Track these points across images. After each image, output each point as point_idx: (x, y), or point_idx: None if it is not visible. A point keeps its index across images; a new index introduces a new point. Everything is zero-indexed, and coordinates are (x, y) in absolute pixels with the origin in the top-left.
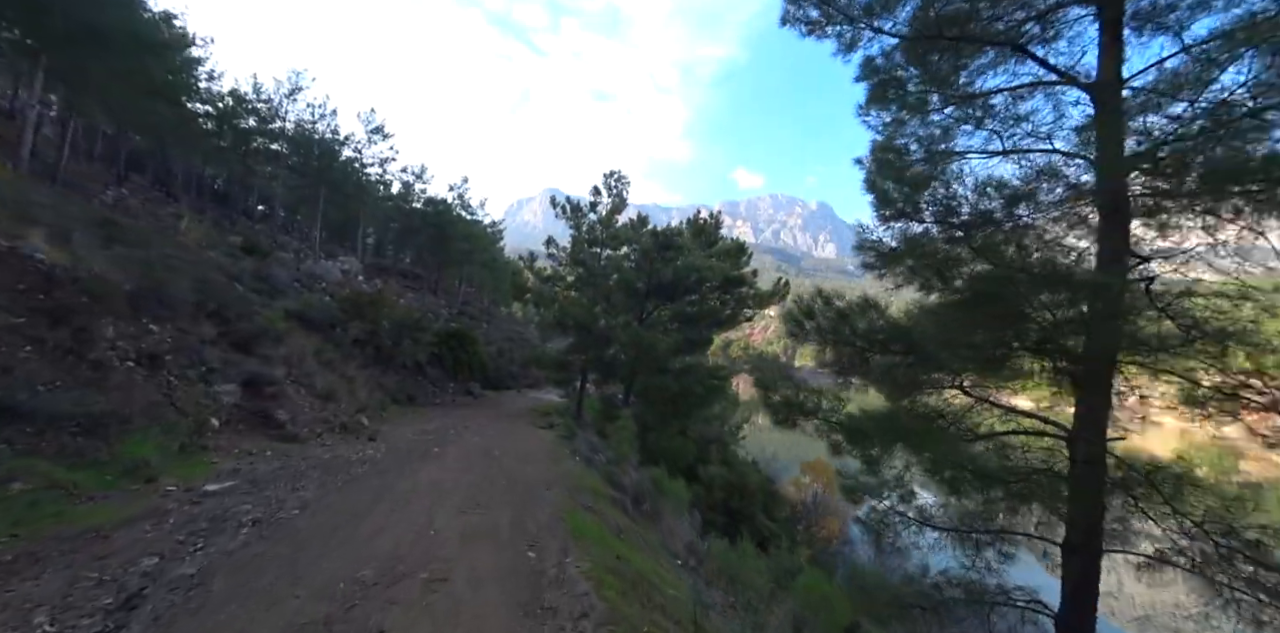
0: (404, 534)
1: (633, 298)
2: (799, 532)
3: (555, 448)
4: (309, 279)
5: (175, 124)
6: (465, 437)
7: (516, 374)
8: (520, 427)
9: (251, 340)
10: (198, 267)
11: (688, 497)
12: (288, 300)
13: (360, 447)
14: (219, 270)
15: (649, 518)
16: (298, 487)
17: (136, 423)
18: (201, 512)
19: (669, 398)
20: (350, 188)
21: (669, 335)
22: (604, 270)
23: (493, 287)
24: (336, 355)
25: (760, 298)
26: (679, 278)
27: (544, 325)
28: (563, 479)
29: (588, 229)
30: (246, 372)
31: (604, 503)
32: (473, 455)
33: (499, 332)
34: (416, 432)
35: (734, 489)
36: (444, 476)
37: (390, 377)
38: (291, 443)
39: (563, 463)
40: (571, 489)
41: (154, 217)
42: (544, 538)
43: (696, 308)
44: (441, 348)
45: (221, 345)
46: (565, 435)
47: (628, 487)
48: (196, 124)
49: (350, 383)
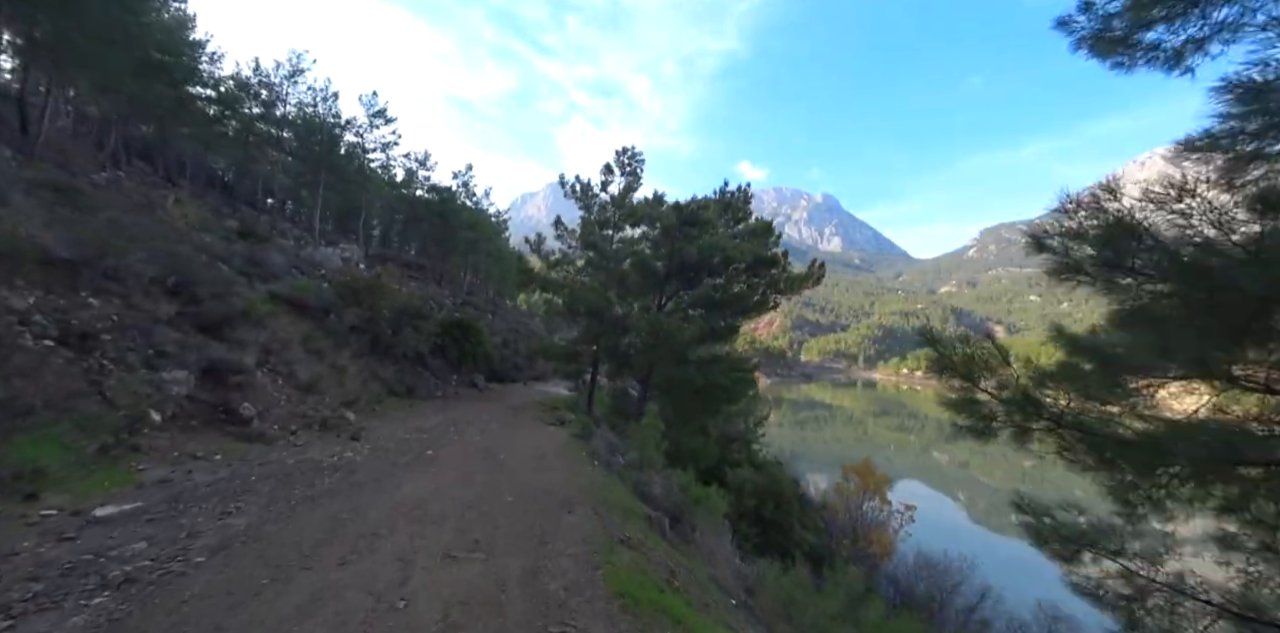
0: (352, 611)
1: (650, 281)
2: (844, 546)
3: (569, 449)
4: (308, 266)
5: (173, 105)
6: (466, 435)
7: (522, 366)
8: (528, 423)
9: (223, 323)
10: (166, 239)
11: (723, 507)
12: (278, 284)
13: (338, 448)
14: (201, 249)
15: (688, 539)
16: (230, 510)
17: (42, 416)
18: (62, 555)
19: (692, 392)
20: (352, 173)
21: (691, 323)
22: (616, 254)
23: (499, 278)
24: (328, 343)
25: (793, 281)
26: (704, 258)
27: (551, 314)
28: (584, 493)
29: (599, 210)
30: (208, 357)
31: (640, 527)
32: (473, 459)
33: (505, 323)
34: (411, 429)
35: (766, 495)
36: (434, 490)
37: (388, 367)
38: (254, 443)
39: (580, 469)
40: (598, 508)
41: (145, 197)
42: (574, 609)
43: (722, 292)
44: (444, 338)
45: (182, 327)
46: (579, 434)
47: (660, 500)
48: (197, 107)
49: (341, 373)
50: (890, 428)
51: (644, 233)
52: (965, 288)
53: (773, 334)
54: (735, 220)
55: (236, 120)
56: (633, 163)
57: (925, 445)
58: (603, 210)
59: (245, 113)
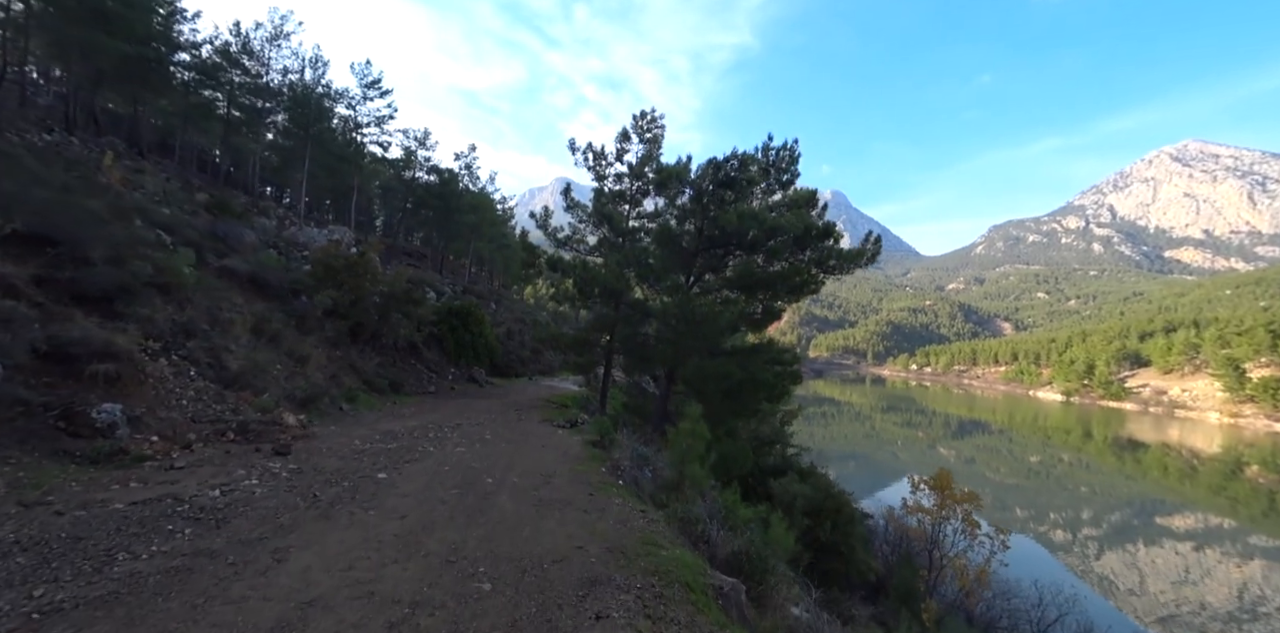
0: None
1: (675, 258)
2: (925, 579)
3: (585, 465)
4: (289, 246)
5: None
6: (447, 445)
7: (528, 360)
8: (531, 426)
9: (118, 294)
10: (68, 192)
11: (790, 543)
12: (235, 259)
13: (242, 471)
14: (129, 212)
15: (763, 604)
16: None
17: None
18: None
19: (727, 389)
20: (340, 148)
21: (728, 306)
22: (632, 231)
23: (503, 268)
24: (289, 328)
25: (846, 258)
26: (743, 228)
27: (561, 298)
28: (617, 557)
29: (614, 179)
30: (54, 336)
31: (712, 617)
32: (443, 489)
33: (510, 313)
34: (376, 435)
35: (822, 513)
36: (345, 571)
37: (371, 358)
38: (100, 466)
39: (605, 502)
40: (644, 594)
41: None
42: None
43: (761, 271)
44: (442, 327)
45: (35, 295)
46: (596, 440)
47: (719, 544)
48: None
49: (301, 364)
50: (897, 424)
51: (666, 205)
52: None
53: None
54: (780, 184)
55: (216, 89)
56: (652, 128)
57: (932, 441)
58: (619, 180)
59: (227, 80)
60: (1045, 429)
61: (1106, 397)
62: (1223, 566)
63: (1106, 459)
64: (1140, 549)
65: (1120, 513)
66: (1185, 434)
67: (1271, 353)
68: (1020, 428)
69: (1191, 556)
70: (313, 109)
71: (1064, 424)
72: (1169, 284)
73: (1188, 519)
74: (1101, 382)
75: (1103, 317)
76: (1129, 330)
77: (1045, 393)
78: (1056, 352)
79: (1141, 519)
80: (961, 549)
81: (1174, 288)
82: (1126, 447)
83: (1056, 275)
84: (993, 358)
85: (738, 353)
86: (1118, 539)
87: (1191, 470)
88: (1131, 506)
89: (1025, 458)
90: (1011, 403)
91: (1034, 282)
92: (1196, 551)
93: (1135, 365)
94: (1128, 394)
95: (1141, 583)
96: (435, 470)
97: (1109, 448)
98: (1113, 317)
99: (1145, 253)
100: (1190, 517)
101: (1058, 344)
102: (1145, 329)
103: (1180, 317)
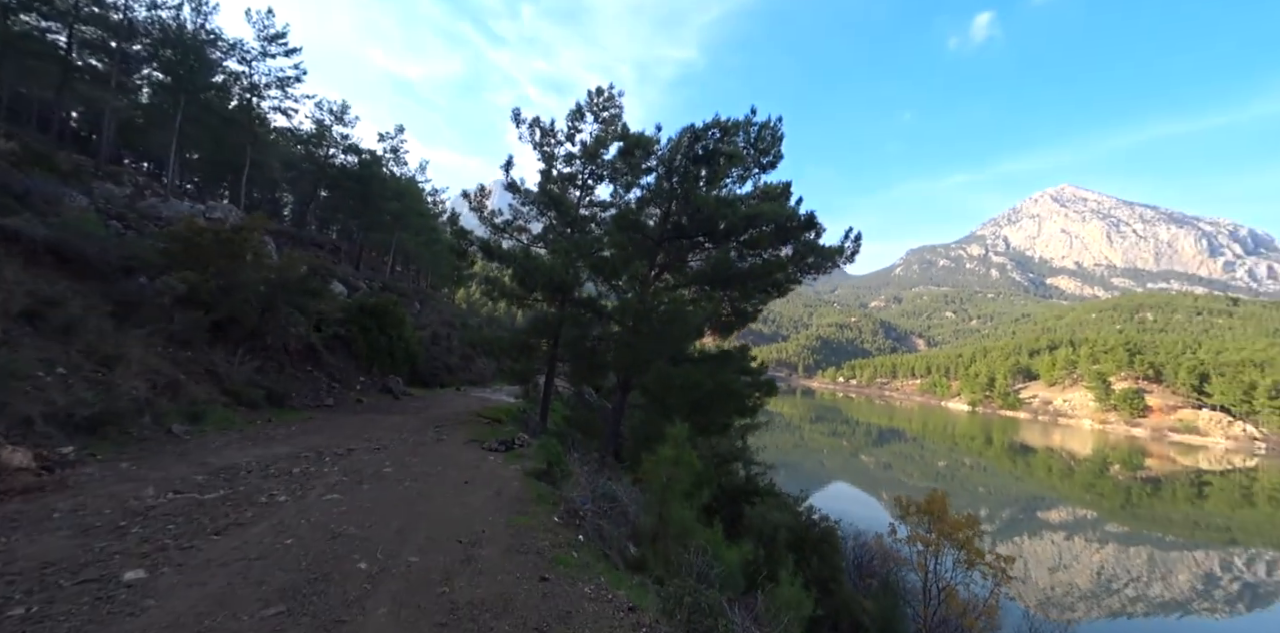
0: None
1: (637, 247)
2: (925, 619)
3: (528, 512)
4: (141, 220)
5: None
6: (314, 489)
7: (456, 367)
8: (454, 450)
9: None
10: None
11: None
12: (27, 220)
13: None
14: None
15: None
16: None
17: None
18: None
19: (697, 400)
20: (228, 110)
21: (698, 304)
22: (583, 219)
23: (432, 267)
24: (99, 316)
25: (826, 254)
26: (722, 214)
27: (496, 293)
28: None
29: (564, 161)
30: None
31: None
32: (254, 606)
33: (436, 315)
34: (200, 474)
35: (807, 545)
36: None
37: (245, 362)
38: None
39: (572, 600)
40: None
41: None
42: None
43: (735, 266)
44: (352, 327)
45: None
46: (543, 472)
47: None
48: None
49: (106, 367)
50: (824, 433)
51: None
52: (893, 303)
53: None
54: (761, 167)
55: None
56: (610, 107)
57: (855, 449)
58: (569, 163)
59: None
60: (953, 436)
61: (1005, 406)
62: (1086, 551)
63: (1002, 462)
64: (1025, 541)
65: (1009, 510)
66: (1066, 439)
67: (1130, 368)
68: (932, 435)
69: (1064, 544)
70: (189, 55)
71: (969, 431)
72: (1050, 308)
73: (1062, 513)
74: (1001, 393)
75: (999, 335)
76: (1021, 347)
77: (955, 403)
78: (963, 366)
79: (1026, 515)
80: (959, 580)
81: (1054, 311)
82: (1019, 451)
83: (962, 297)
84: (910, 371)
85: (706, 360)
86: (1007, 533)
87: (1069, 470)
88: (1019, 503)
89: (934, 463)
90: (926, 412)
91: (943, 302)
92: (1068, 540)
93: (1027, 378)
94: (1022, 404)
95: (1026, 571)
96: (263, 549)
97: (1005, 452)
98: (1007, 335)
99: (1032, 280)
100: (1064, 510)
101: (964, 359)
102: (1034, 346)
103: (1059, 336)
